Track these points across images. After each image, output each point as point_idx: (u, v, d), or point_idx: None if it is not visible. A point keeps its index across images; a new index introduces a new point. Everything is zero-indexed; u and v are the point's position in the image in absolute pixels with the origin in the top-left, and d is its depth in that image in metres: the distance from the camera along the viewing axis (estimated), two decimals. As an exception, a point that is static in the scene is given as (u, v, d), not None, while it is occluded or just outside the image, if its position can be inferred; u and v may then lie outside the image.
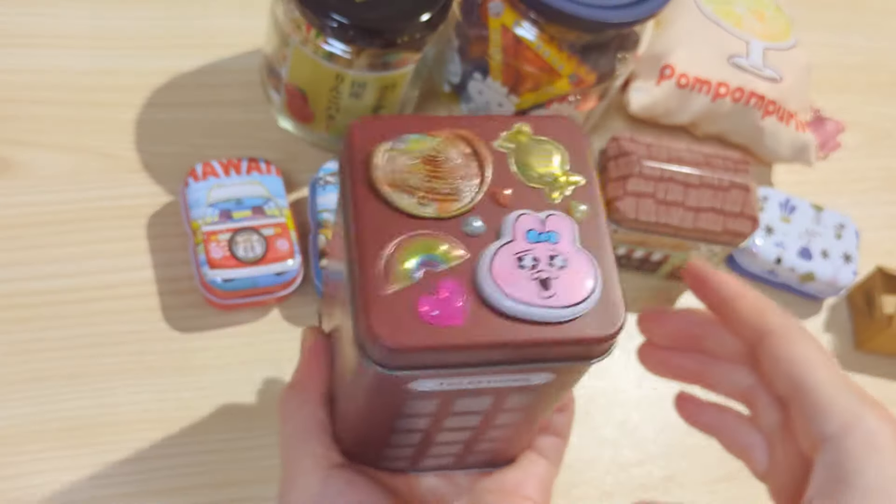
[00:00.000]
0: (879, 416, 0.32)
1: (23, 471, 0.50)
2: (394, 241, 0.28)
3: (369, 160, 0.29)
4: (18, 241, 0.56)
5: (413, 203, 0.29)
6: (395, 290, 0.27)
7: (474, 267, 0.28)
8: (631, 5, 0.57)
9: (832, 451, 0.31)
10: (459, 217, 0.29)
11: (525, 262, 0.28)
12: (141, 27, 0.66)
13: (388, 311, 0.27)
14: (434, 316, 0.27)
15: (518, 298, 0.27)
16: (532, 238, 0.29)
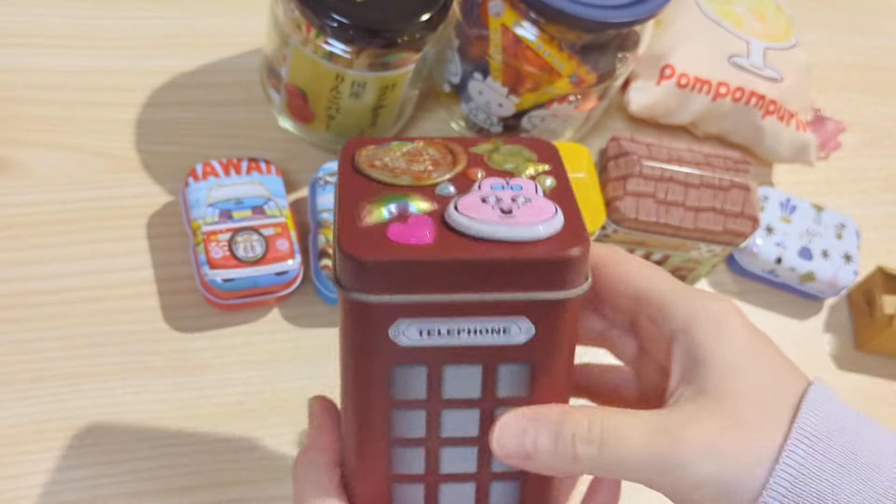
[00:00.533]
0: (720, 301, 0.33)
1: (23, 471, 0.50)
2: (370, 197, 0.31)
3: (356, 154, 0.33)
4: (18, 241, 0.56)
5: (390, 175, 0.32)
6: (369, 224, 0.30)
7: (443, 212, 0.30)
8: (631, 5, 0.57)
9: (683, 342, 0.32)
10: (433, 185, 0.32)
11: (489, 200, 0.30)
12: (141, 27, 0.66)
13: (361, 236, 0.29)
14: (402, 237, 0.29)
15: (480, 219, 0.29)
16: (497, 188, 0.31)
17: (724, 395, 0.30)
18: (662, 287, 0.34)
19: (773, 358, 0.32)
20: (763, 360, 0.32)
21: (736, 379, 0.31)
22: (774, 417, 0.30)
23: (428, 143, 0.35)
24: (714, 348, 0.31)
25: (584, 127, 0.68)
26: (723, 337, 0.32)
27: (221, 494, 0.52)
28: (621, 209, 0.58)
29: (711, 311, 0.32)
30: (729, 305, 0.33)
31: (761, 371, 0.31)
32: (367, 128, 0.63)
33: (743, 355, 0.31)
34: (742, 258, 0.67)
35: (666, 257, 0.63)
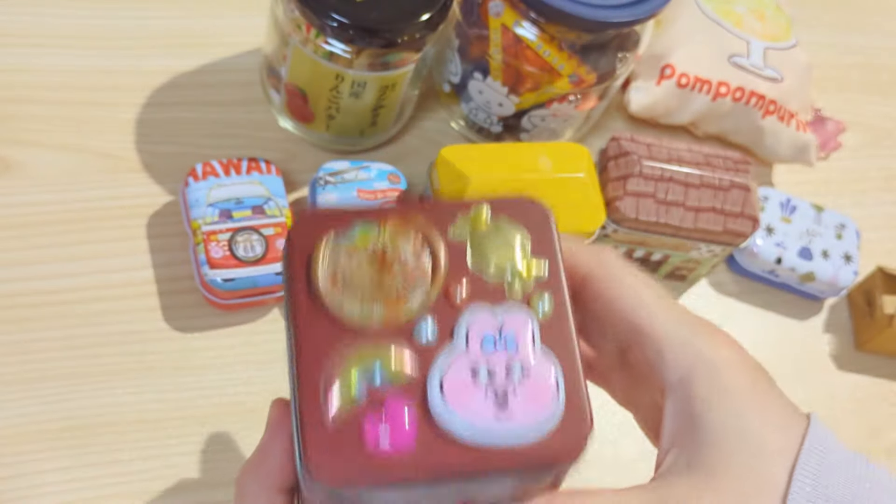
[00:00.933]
0: (717, 343, 0.30)
1: (23, 471, 0.50)
2: (338, 357, 0.25)
3: (311, 259, 0.26)
4: (18, 241, 0.56)
5: (358, 309, 0.26)
6: (338, 415, 0.24)
7: (425, 382, 0.25)
8: (631, 5, 0.57)
9: (678, 397, 0.30)
10: (410, 322, 0.26)
11: (481, 377, 0.25)
12: (141, 27, 0.66)
13: (331, 445, 0.24)
14: (380, 444, 0.24)
15: (473, 422, 0.25)
16: (488, 345, 0.26)
17: (718, 471, 0.28)
18: (658, 320, 0.30)
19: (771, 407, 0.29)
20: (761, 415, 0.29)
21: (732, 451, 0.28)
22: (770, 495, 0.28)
23: (397, 229, 0.28)
24: (710, 411, 0.29)
25: (584, 127, 0.68)
26: (720, 395, 0.29)
27: (221, 494, 0.52)
28: (621, 209, 0.58)
29: (709, 358, 0.29)
30: (727, 349, 0.30)
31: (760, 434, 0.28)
32: (367, 127, 0.63)
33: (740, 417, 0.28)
34: (742, 258, 0.67)
35: (666, 257, 0.63)
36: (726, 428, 0.28)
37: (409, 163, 0.65)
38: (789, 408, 0.30)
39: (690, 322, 0.31)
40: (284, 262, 0.27)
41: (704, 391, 0.29)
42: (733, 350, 0.30)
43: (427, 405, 0.25)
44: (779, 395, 0.30)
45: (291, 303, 0.26)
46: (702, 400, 0.29)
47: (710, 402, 0.29)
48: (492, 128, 0.66)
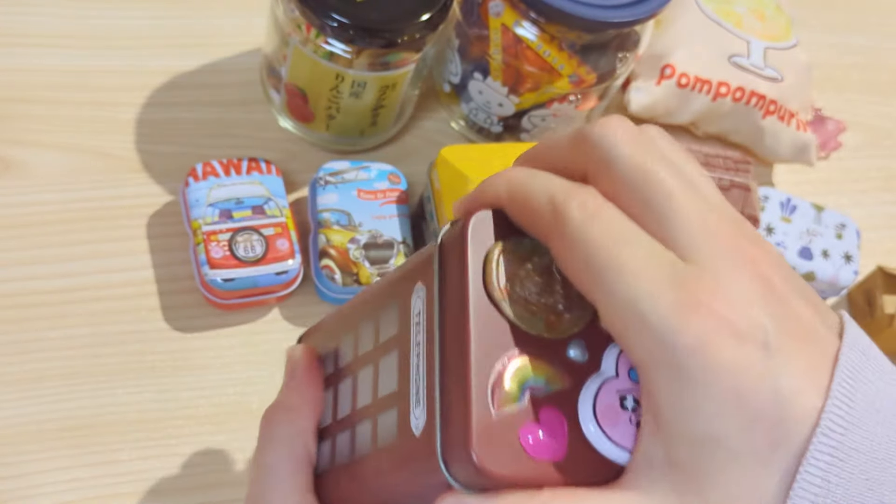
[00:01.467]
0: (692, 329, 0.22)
1: (23, 471, 0.50)
2: (504, 357, 0.26)
3: (487, 261, 0.27)
4: (18, 241, 0.56)
5: (524, 316, 0.27)
6: (501, 414, 0.25)
7: (577, 399, 0.26)
8: (631, 5, 0.57)
9: (643, 381, 0.24)
10: (565, 339, 0.27)
11: (627, 404, 0.26)
12: (141, 27, 0.66)
13: (492, 436, 0.25)
14: (534, 448, 0.25)
15: (619, 443, 0.26)
16: (634, 377, 0.27)
17: (696, 475, 0.23)
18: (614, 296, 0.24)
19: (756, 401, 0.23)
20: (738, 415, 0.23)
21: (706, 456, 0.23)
22: None
23: None
24: (673, 410, 0.23)
25: (585, 127, 0.68)
26: (683, 391, 0.23)
27: (221, 494, 0.52)
28: (621, 209, 0.58)
29: (677, 349, 0.22)
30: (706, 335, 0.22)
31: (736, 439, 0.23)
32: (367, 127, 0.63)
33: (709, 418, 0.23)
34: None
35: (666, 257, 0.63)
36: (691, 431, 0.23)
37: (410, 163, 0.65)
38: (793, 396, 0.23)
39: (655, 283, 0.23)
40: (453, 254, 0.27)
41: (665, 385, 0.23)
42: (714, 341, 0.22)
43: (577, 420, 0.26)
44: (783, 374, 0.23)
45: (461, 297, 0.27)
46: (664, 395, 0.23)
47: (673, 399, 0.23)
48: (492, 128, 0.66)
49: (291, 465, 0.32)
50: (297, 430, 0.32)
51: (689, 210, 0.24)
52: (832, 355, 0.23)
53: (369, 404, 0.30)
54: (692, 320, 0.22)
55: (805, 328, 0.24)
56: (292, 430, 0.32)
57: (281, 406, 0.33)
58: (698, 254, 0.23)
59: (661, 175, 0.25)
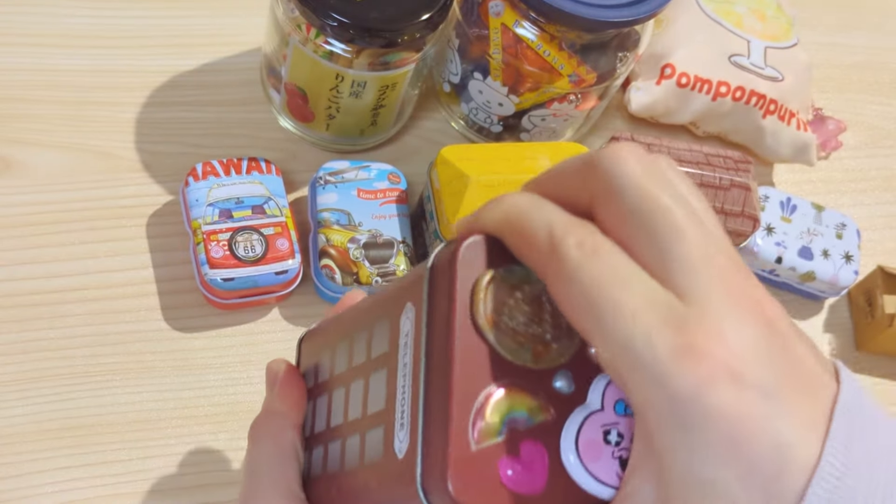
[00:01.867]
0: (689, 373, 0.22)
1: (23, 471, 0.50)
2: (487, 388, 0.26)
3: (476, 289, 0.27)
4: (18, 240, 0.56)
5: (511, 346, 0.27)
6: (480, 447, 0.25)
7: (560, 431, 0.26)
8: (631, 4, 0.57)
9: (638, 422, 0.24)
10: (552, 370, 0.27)
11: (611, 438, 0.26)
12: (141, 27, 0.66)
13: (470, 469, 0.25)
14: (513, 481, 0.25)
15: (600, 479, 0.26)
16: (619, 411, 0.27)
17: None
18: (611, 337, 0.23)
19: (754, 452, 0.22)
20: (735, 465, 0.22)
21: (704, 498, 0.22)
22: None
23: None
24: (669, 453, 0.23)
25: (584, 127, 0.68)
26: (681, 437, 0.22)
27: (221, 494, 0.52)
28: (621, 209, 0.58)
29: (676, 394, 0.22)
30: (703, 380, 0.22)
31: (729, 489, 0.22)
32: (367, 127, 0.63)
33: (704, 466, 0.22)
34: (742, 258, 0.67)
35: (666, 257, 0.63)
36: (688, 479, 0.22)
37: (410, 163, 0.65)
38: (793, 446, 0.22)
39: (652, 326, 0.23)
40: (443, 279, 0.27)
41: (662, 429, 0.23)
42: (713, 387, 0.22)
43: (559, 453, 0.26)
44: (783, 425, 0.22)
45: (447, 325, 0.26)
46: (661, 438, 0.23)
47: (670, 443, 0.22)
48: (492, 128, 0.66)
49: (278, 458, 0.33)
50: (279, 427, 0.33)
51: (694, 247, 0.24)
52: (830, 403, 0.23)
53: (359, 418, 0.31)
54: (690, 365, 0.22)
55: (806, 375, 0.23)
56: (275, 427, 0.33)
57: (264, 412, 0.34)
58: (699, 295, 0.23)
59: (671, 208, 0.24)
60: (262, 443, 0.33)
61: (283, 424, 0.33)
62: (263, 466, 0.33)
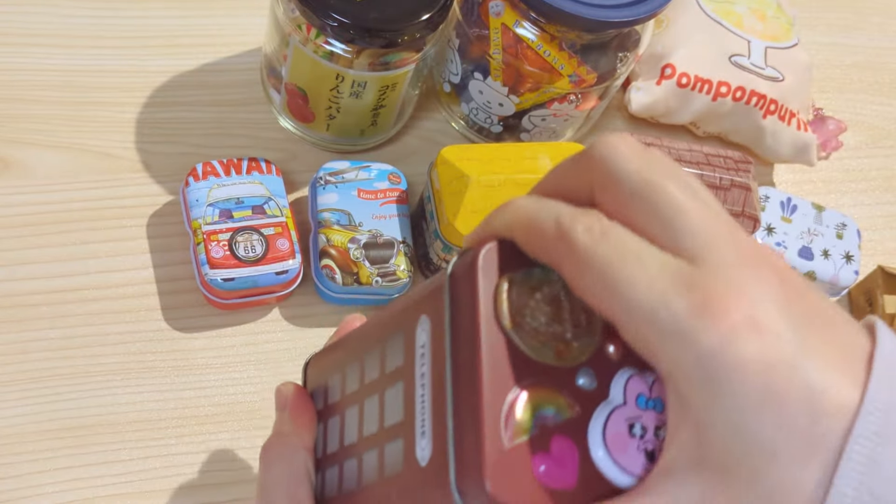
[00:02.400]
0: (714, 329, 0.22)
1: (23, 471, 0.50)
2: (516, 388, 0.27)
3: (497, 293, 0.27)
4: (18, 240, 0.56)
5: (534, 346, 0.27)
6: (513, 445, 0.26)
7: (587, 427, 0.27)
8: (631, 4, 0.57)
9: (670, 390, 0.25)
10: (574, 368, 0.28)
11: (635, 430, 0.27)
12: (141, 27, 0.66)
13: (505, 467, 0.26)
14: (547, 477, 0.26)
15: (629, 470, 0.26)
16: (641, 404, 0.27)
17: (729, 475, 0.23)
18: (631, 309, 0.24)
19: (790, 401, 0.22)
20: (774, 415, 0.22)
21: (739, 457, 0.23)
22: None
23: None
24: (706, 413, 0.23)
25: (585, 127, 0.68)
26: (715, 396, 0.23)
27: (222, 494, 0.52)
28: (622, 209, 0.58)
29: (702, 351, 0.22)
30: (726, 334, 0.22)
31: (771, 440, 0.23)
32: (367, 127, 0.63)
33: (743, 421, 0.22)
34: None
35: (666, 257, 0.63)
36: (727, 433, 0.23)
37: (410, 163, 0.65)
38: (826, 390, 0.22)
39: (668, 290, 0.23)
40: (464, 286, 0.28)
41: (694, 389, 0.23)
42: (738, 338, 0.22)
43: (587, 448, 0.27)
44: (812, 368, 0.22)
45: (472, 329, 0.27)
46: (695, 398, 0.23)
47: (704, 402, 0.23)
48: (492, 128, 0.66)
49: (290, 480, 0.33)
50: (292, 448, 0.34)
51: (696, 218, 0.24)
52: (860, 346, 0.23)
53: (375, 433, 0.31)
54: (711, 321, 0.22)
55: (827, 320, 0.24)
56: (287, 449, 0.33)
57: (275, 434, 0.34)
58: (709, 256, 0.24)
59: (669, 187, 0.25)
60: (274, 465, 0.33)
61: (294, 446, 0.34)
62: (276, 489, 0.33)
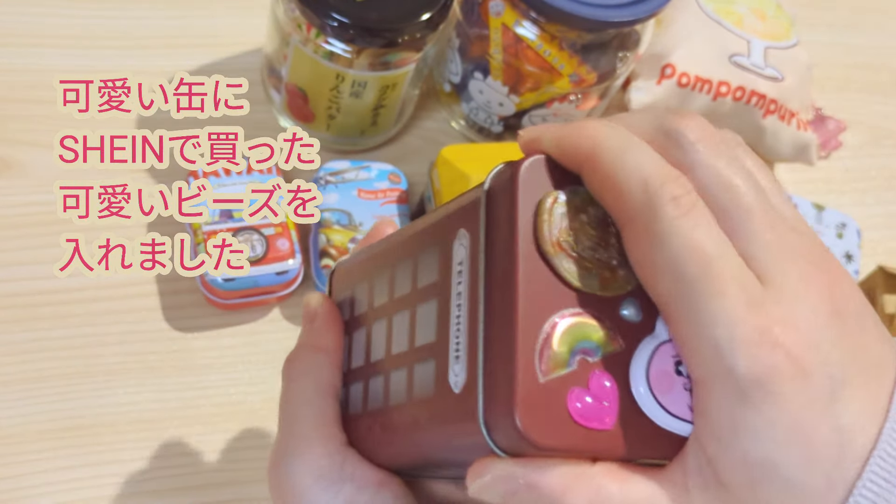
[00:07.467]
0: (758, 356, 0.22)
1: (23, 471, 0.50)
2: (553, 317, 0.24)
3: (539, 212, 0.25)
4: (18, 241, 0.56)
5: (577, 272, 0.25)
6: (548, 379, 0.24)
7: (629, 362, 0.25)
8: (632, 4, 0.57)
9: (697, 397, 0.24)
10: (618, 297, 0.25)
11: (683, 369, 0.25)
12: (141, 27, 0.66)
13: (538, 402, 0.23)
14: (582, 415, 0.24)
15: (673, 412, 0.24)
16: None
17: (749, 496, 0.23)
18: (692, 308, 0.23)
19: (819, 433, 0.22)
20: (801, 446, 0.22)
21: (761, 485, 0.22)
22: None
23: None
24: (731, 432, 0.22)
25: (585, 126, 0.68)
26: (751, 419, 0.22)
27: (222, 494, 0.52)
28: (622, 208, 0.58)
29: (744, 374, 0.22)
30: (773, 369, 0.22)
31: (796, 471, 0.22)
32: (367, 127, 0.63)
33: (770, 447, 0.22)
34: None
35: (667, 257, 0.63)
36: (749, 455, 0.22)
37: (410, 162, 0.65)
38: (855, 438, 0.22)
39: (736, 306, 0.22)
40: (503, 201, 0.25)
41: (725, 405, 0.22)
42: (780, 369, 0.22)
43: (628, 386, 0.25)
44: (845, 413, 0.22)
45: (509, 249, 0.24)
46: (724, 414, 0.23)
47: (733, 420, 0.22)
48: (492, 127, 0.66)
49: (318, 397, 0.31)
50: (319, 364, 0.31)
51: (768, 228, 0.23)
52: (891, 386, 0.23)
53: (405, 351, 0.29)
54: (761, 350, 0.22)
55: (872, 362, 0.23)
56: (315, 364, 0.31)
57: (303, 346, 0.32)
58: (775, 276, 0.23)
59: (741, 188, 0.24)
60: (300, 381, 0.31)
61: (322, 361, 0.32)
62: (302, 406, 0.31)
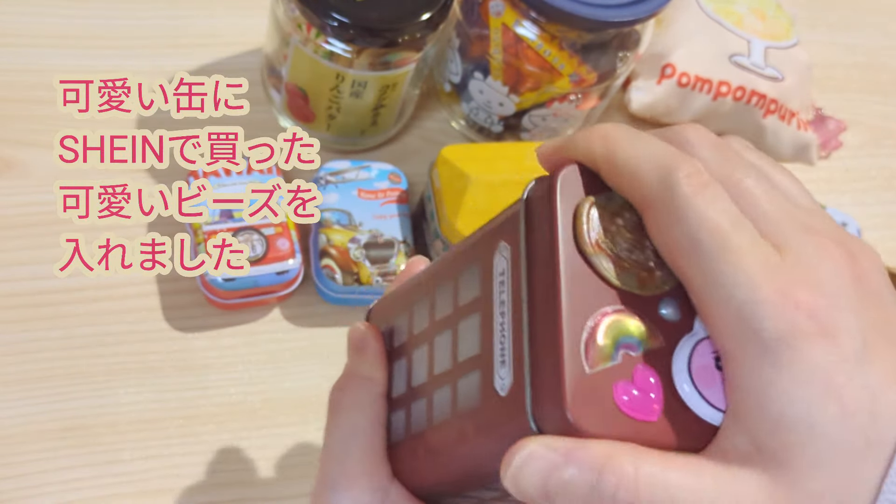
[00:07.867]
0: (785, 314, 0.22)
1: (23, 471, 0.50)
2: (597, 313, 0.25)
3: (577, 216, 0.26)
4: (18, 241, 0.56)
5: (616, 272, 0.26)
6: (594, 371, 0.25)
7: (671, 358, 0.26)
8: (632, 4, 0.57)
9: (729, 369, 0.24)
10: (657, 297, 0.26)
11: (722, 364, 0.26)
12: (141, 27, 0.66)
13: (586, 394, 0.24)
14: (629, 407, 0.25)
15: (716, 405, 0.25)
16: None
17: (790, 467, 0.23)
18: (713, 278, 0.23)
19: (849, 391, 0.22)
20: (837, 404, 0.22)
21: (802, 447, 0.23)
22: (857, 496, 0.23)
23: None
24: (766, 397, 0.23)
25: (585, 126, 0.68)
26: (783, 382, 0.22)
27: (222, 494, 0.52)
28: (622, 208, 0.58)
29: (771, 336, 0.22)
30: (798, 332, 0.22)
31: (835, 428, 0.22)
32: (367, 127, 0.63)
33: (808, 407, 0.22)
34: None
35: (667, 257, 0.63)
36: (787, 419, 0.22)
37: (410, 162, 0.65)
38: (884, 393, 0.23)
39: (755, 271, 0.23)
40: (542, 209, 0.27)
41: (756, 371, 0.23)
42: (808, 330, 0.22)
43: (671, 380, 0.25)
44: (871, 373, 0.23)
45: (550, 251, 0.26)
46: (756, 380, 0.23)
47: (765, 385, 0.23)
48: (493, 127, 0.66)
49: (368, 427, 0.31)
50: (369, 395, 0.32)
51: (780, 210, 0.24)
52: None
53: (448, 370, 0.30)
54: (785, 310, 0.22)
55: (893, 332, 0.24)
56: (366, 395, 0.32)
57: (353, 376, 0.32)
58: (792, 246, 0.24)
59: (747, 183, 0.25)
60: (349, 412, 0.31)
61: (373, 393, 0.32)
62: (352, 439, 0.31)
